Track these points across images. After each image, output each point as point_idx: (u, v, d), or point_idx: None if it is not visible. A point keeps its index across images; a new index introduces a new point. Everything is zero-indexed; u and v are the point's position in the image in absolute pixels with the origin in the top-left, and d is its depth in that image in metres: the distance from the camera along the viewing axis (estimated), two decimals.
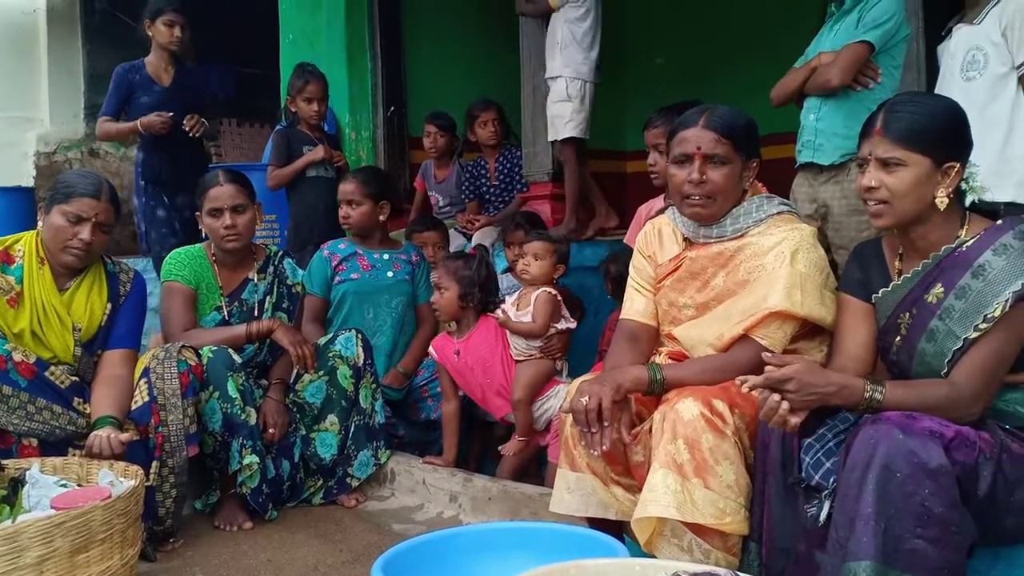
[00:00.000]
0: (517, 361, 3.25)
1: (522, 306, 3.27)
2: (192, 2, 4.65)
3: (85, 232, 2.69)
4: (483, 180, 5.02)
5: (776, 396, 1.81)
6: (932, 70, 3.26)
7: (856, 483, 1.69)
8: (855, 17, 3.03)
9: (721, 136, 2.18)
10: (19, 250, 2.75)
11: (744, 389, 1.86)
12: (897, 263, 2.02)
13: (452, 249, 4.29)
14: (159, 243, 4.53)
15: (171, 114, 4.40)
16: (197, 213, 3.29)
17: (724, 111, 2.22)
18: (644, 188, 3.31)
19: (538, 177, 4.85)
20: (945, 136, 1.90)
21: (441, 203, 5.22)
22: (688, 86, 4.99)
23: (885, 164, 1.91)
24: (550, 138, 4.65)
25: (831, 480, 1.80)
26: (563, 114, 4.53)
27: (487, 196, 5.00)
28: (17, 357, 2.60)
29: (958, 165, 1.90)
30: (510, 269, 3.65)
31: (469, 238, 4.69)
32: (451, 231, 4.60)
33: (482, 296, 3.32)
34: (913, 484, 1.65)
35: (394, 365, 3.73)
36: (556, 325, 3.21)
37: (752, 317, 2.12)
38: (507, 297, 3.41)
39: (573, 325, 3.28)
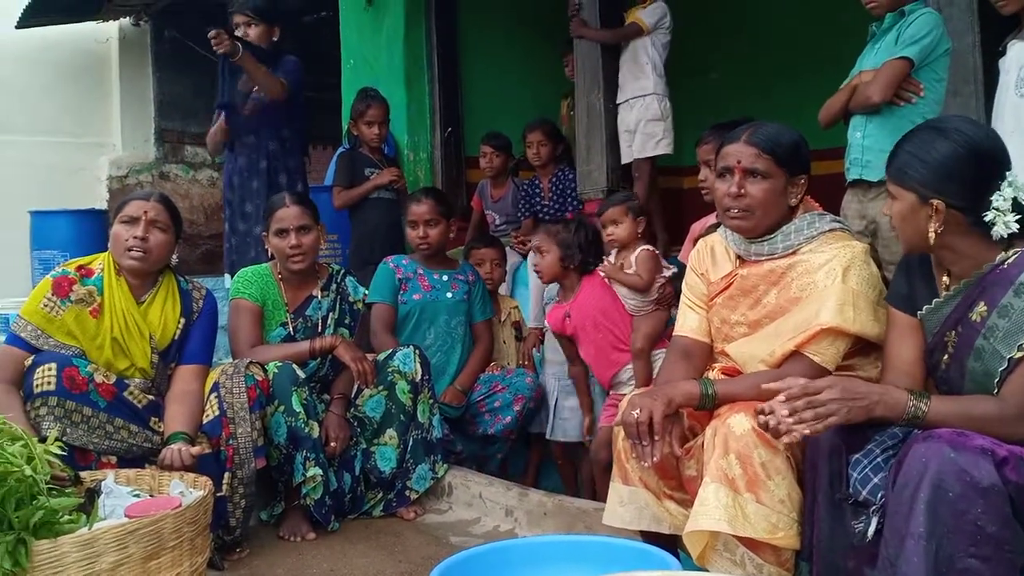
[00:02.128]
0: (633, 316, 3.32)
1: (625, 268, 3.36)
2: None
3: (139, 229, 2.83)
4: (537, 199, 5.07)
5: (789, 420, 1.82)
6: (993, 84, 3.22)
7: (907, 501, 1.68)
8: (894, 35, 3.02)
9: (762, 151, 2.19)
10: (98, 265, 2.90)
11: (779, 398, 1.87)
12: (945, 278, 1.99)
13: (508, 267, 4.37)
14: (238, 256, 4.47)
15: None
16: (264, 233, 3.41)
17: (769, 127, 2.24)
18: (701, 203, 3.33)
19: (593, 195, 4.85)
20: (932, 173, 1.89)
21: (497, 221, 5.28)
22: (744, 101, 4.98)
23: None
24: (636, 155, 4.65)
25: (879, 496, 1.79)
26: (656, 132, 4.61)
27: (541, 215, 5.06)
28: (98, 379, 2.73)
29: (938, 203, 1.86)
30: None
31: (524, 256, 4.75)
32: (507, 249, 4.66)
33: (582, 257, 3.41)
34: (965, 503, 1.63)
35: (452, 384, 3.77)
36: (662, 276, 3.31)
37: (804, 333, 2.12)
38: (607, 259, 3.47)
39: (675, 268, 3.35)
